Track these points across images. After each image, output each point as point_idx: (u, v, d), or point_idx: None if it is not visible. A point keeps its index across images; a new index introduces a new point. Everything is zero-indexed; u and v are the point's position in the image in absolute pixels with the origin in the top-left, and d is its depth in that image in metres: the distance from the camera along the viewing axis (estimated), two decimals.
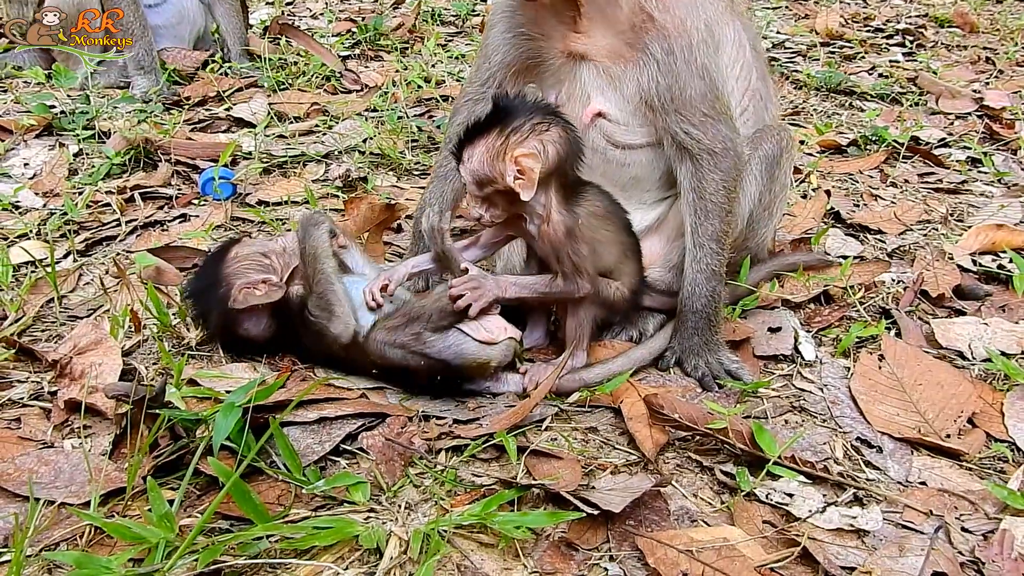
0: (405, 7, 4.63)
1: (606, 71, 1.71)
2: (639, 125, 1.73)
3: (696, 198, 1.72)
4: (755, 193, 1.85)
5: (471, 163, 1.56)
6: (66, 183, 2.50)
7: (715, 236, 1.72)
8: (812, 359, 1.76)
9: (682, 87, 1.65)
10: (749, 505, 1.35)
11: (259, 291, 1.62)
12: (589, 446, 1.50)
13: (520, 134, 1.53)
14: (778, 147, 1.85)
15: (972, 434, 1.54)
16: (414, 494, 1.37)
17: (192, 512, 1.31)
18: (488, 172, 1.54)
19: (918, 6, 5.48)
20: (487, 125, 1.55)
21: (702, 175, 1.70)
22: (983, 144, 3.07)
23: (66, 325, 1.83)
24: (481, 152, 1.54)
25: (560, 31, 1.72)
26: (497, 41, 1.79)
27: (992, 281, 2.12)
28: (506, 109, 1.56)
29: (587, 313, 1.67)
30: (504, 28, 1.78)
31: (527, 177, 1.52)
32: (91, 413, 1.51)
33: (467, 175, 1.57)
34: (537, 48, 1.76)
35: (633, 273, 1.74)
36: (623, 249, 1.72)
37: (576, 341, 1.67)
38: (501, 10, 1.79)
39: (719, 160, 1.70)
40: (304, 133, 2.92)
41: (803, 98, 3.54)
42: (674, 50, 1.64)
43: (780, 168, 1.86)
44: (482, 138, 1.54)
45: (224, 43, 3.62)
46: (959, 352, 1.79)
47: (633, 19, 1.65)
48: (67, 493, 1.34)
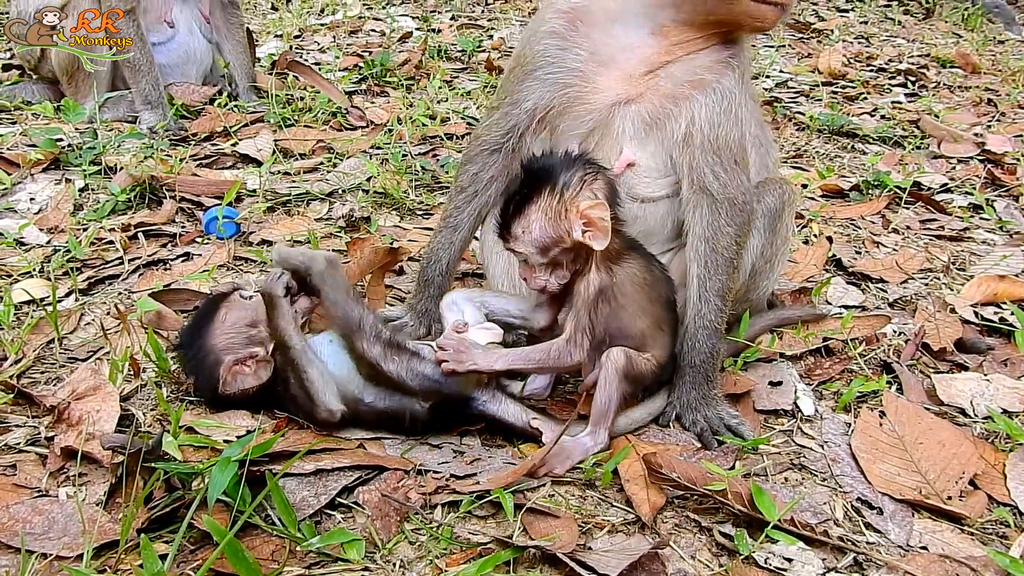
0: (412, 42, 4.70)
1: (651, 114, 1.70)
2: (662, 176, 1.73)
3: (708, 249, 1.72)
4: (758, 246, 1.86)
5: (531, 234, 1.54)
6: (71, 219, 2.53)
7: (721, 292, 1.73)
8: (811, 414, 1.76)
9: (727, 130, 1.68)
10: (747, 570, 1.34)
11: (248, 369, 1.62)
12: (586, 503, 1.50)
13: (573, 188, 1.53)
14: (780, 200, 1.87)
15: (974, 496, 1.54)
16: (409, 552, 1.37)
17: (185, 568, 1.30)
18: (553, 235, 1.53)
19: (920, 46, 5.55)
20: (531, 192, 1.53)
21: (718, 226, 1.71)
22: (985, 190, 3.10)
23: (66, 367, 1.84)
24: (539, 219, 1.53)
25: (621, 71, 1.70)
26: (533, 86, 1.75)
27: (994, 334, 2.12)
28: (544, 169, 1.55)
29: (619, 387, 1.60)
30: (547, 72, 1.74)
31: (598, 227, 1.52)
32: (87, 461, 1.51)
33: (528, 247, 1.55)
34: (577, 93, 1.73)
35: (665, 347, 1.70)
36: (657, 322, 1.67)
37: (601, 417, 1.60)
38: (543, 55, 1.74)
39: (736, 212, 1.71)
40: (309, 171, 2.95)
41: (805, 140, 3.58)
42: (728, 91, 1.68)
43: (782, 222, 1.88)
44: (532, 205, 1.53)
45: (232, 78, 3.68)
46: (961, 409, 1.79)
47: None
48: (60, 545, 1.33)
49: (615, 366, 1.59)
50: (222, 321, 1.66)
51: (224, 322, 1.66)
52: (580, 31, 1.72)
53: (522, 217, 1.54)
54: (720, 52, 1.71)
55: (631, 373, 1.61)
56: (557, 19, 1.74)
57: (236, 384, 1.62)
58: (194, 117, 3.42)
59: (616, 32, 1.71)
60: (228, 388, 1.61)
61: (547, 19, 1.76)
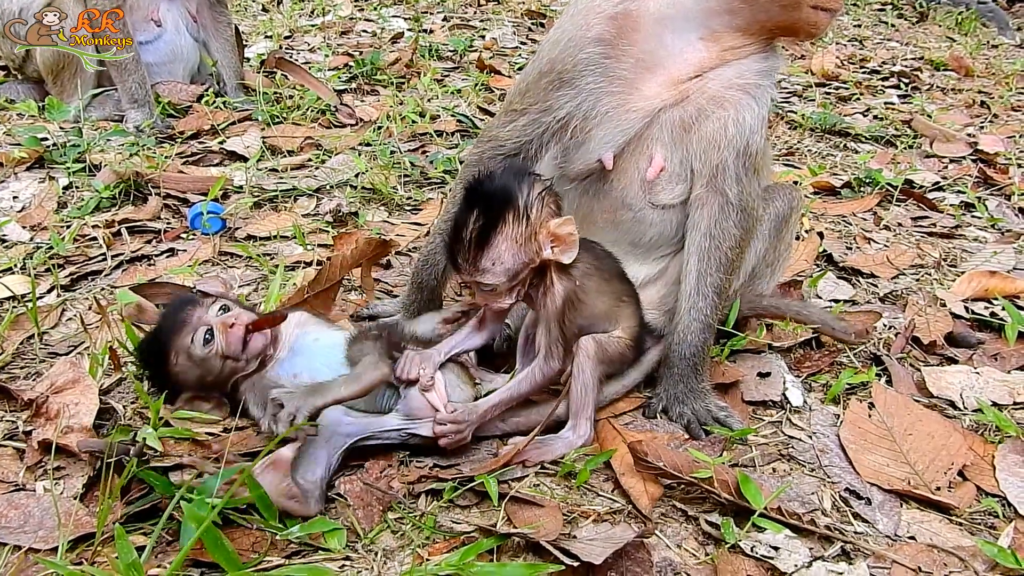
0: (403, 42, 4.72)
1: (692, 116, 1.68)
2: (682, 181, 1.73)
3: (713, 247, 1.72)
4: (761, 250, 1.88)
5: (503, 264, 1.49)
6: (54, 216, 2.52)
7: (718, 288, 1.74)
8: (800, 405, 1.76)
9: (759, 137, 1.70)
10: (734, 558, 1.34)
11: (207, 408, 1.62)
12: (572, 492, 1.50)
13: (536, 209, 1.50)
14: (789, 206, 1.89)
15: (963, 487, 1.54)
16: (391, 541, 1.37)
17: (164, 561, 1.30)
18: (525, 259, 1.51)
19: (914, 49, 5.60)
20: (493, 220, 1.48)
21: (725, 227, 1.71)
22: (977, 189, 3.12)
23: (45, 362, 1.83)
24: (509, 248, 1.49)
25: (668, 76, 1.69)
26: (571, 94, 1.70)
27: (984, 328, 2.13)
28: (500, 194, 1.49)
29: (594, 373, 1.59)
30: (588, 80, 1.68)
31: (567, 242, 1.51)
32: (65, 454, 1.51)
33: (499, 278, 1.51)
34: (620, 101, 1.70)
35: (631, 317, 1.70)
36: (616, 297, 1.68)
37: (580, 409, 1.59)
38: (587, 64, 1.69)
39: (745, 218, 1.72)
40: (296, 167, 2.96)
41: (797, 139, 3.60)
42: (767, 99, 1.70)
43: (788, 227, 1.90)
44: (498, 235, 1.48)
45: (220, 77, 3.68)
46: (950, 401, 1.80)
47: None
48: (35, 538, 1.33)
49: (586, 354, 1.59)
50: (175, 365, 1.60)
51: (177, 367, 1.61)
52: (628, 37, 1.69)
53: (489, 249, 1.49)
54: (763, 60, 1.72)
55: (604, 357, 1.61)
56: (604, 26, 1.68)
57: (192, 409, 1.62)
58: (181, 116, 3.42)
59: (666, 38, 1.69)
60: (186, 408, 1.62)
61: (592, 25, 1.70)
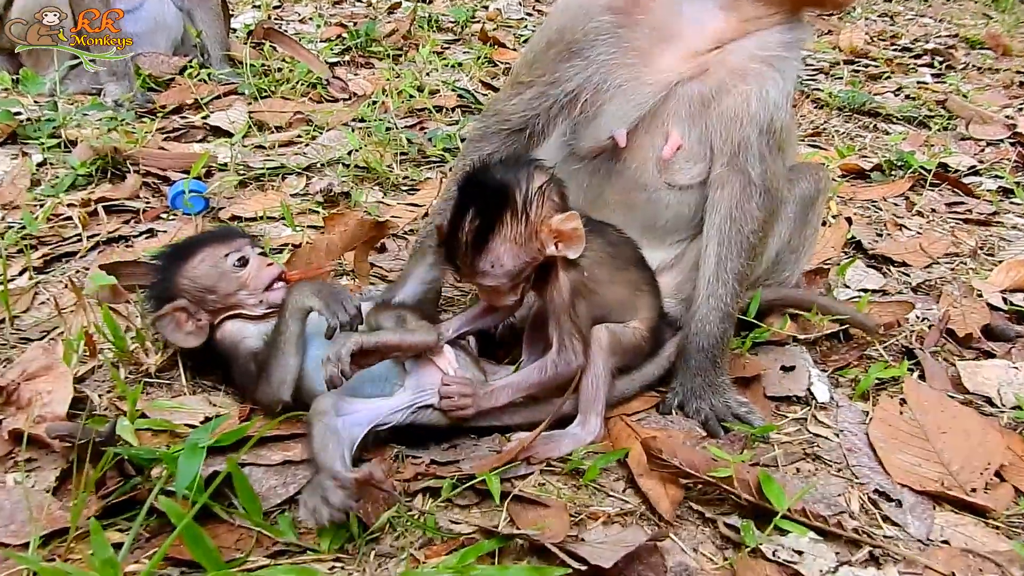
0: (400, 12, 4.69)
1: (712, 90, 1.67)
2: (701, 160, 1.72)
3: (734, 230, 1.70)
4: (785, 234, 1.86)
5: (504, 267, 1.48)
6: (27, 195, 2.51)
7: (739, 274, 1.72)
8: (826, 401, 1.75)
9: (784, 113, 1.69)
10: (754, 563, 1.33)
11: (186, 325, 1.65)
12: (580, 492, 1.48)
13: (537, 205, 1.47)
14: (816, 188, 1.87)
15: (1000, 488, 1.52)
16: (386, 541, 1.35)
17: (141, 557, 1.29)
18: (527, 259, 1.49)
19: (948, 26, 5.56)
20: (490, 220, 1.46)
21: (748, 208, 1.70)
22: (1016, 173, 3.09)
23: (16, 348, 1.82)
24: (509, 249, 1.47)
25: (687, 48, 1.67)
26: (581, 65, 1.68)
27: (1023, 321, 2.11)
28: (496, 191, 1.47)
29: (606, 365, 1.57)
30: (600, 51, 1.67)
31: (572, 238, 1.48)
32: (37, 445, 1.49)
33: (501, 279, 1.50)
34: (635, 74, 1.68)
35: (650, 308, 1.68)
36: (634, 286, 1.67)
37: (590, 403, 1.57)
38: (597, 32, 1.68)
39: (768, 199, 1.71)
40: (285, 144, 2.94)
41: (824, 118, 3.58)
42: (792, 74, 1.70)
43: (814, 211, 1.88)
44: (496, 236, 1.46)
45: (204, 48, 3.66)
46: (987, 398, 1.78)
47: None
48: (6, 533, 1.32)
49: (598, 344, 1.57)
50: (194, 266, 1.67)
51: (195, 267, 1.67)
52: (642, 5, 1.68)
53: (487, 252, 1.47)
54: (788, 32, 1.70)
55: (618, 348, 1.59)
56: None
57: (168, 331, 1.66)
58: (162, 89, 3.40)
59: (683, 6, 1.68)
60: (160, 329, 1.67)
61: None
